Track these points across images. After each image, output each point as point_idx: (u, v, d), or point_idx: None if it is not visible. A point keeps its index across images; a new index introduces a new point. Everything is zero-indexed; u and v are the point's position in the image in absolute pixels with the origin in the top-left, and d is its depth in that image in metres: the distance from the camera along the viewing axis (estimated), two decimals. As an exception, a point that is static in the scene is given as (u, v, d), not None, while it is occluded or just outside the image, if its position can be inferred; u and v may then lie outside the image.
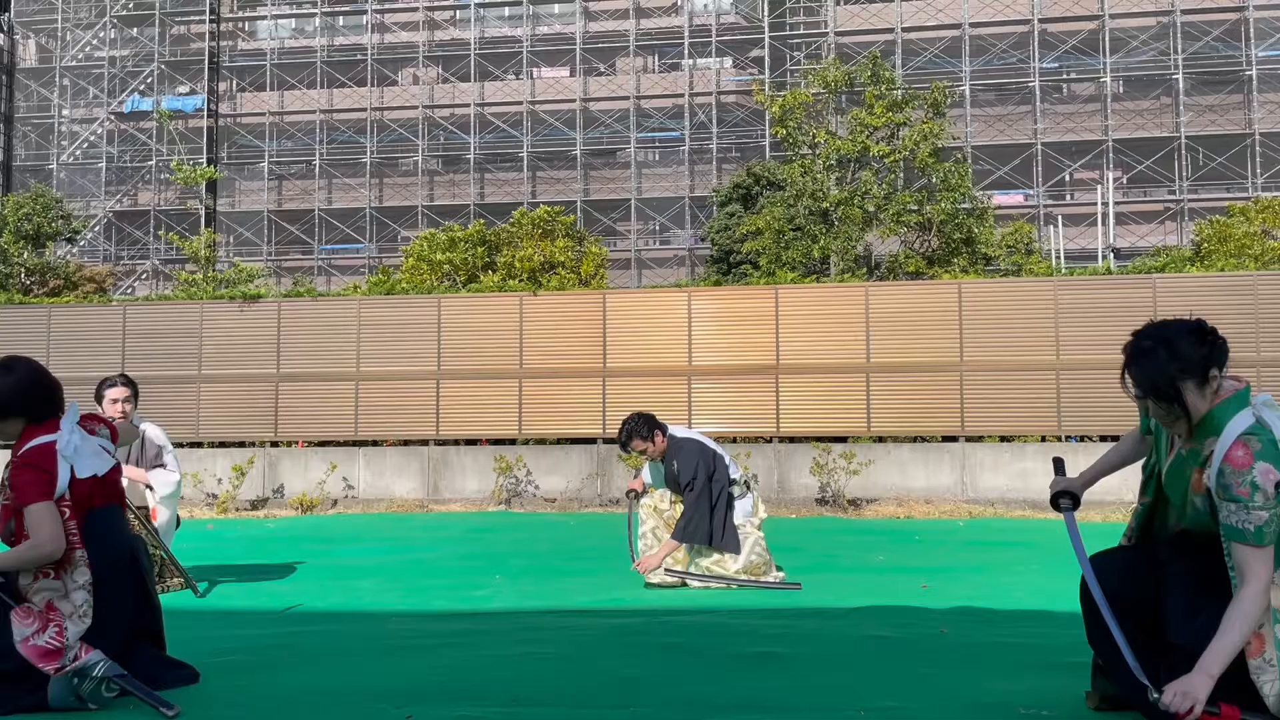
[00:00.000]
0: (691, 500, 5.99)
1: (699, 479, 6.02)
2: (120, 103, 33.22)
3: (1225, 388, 2.88)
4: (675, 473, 6.16)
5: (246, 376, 13.48)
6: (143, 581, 3.80)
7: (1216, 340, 2.86)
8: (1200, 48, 28.94)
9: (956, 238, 17.83)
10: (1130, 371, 2.91)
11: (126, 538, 3.79)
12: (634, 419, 6.21)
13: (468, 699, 3.47)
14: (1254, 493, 2.71)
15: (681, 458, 6.10)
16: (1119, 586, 3.05)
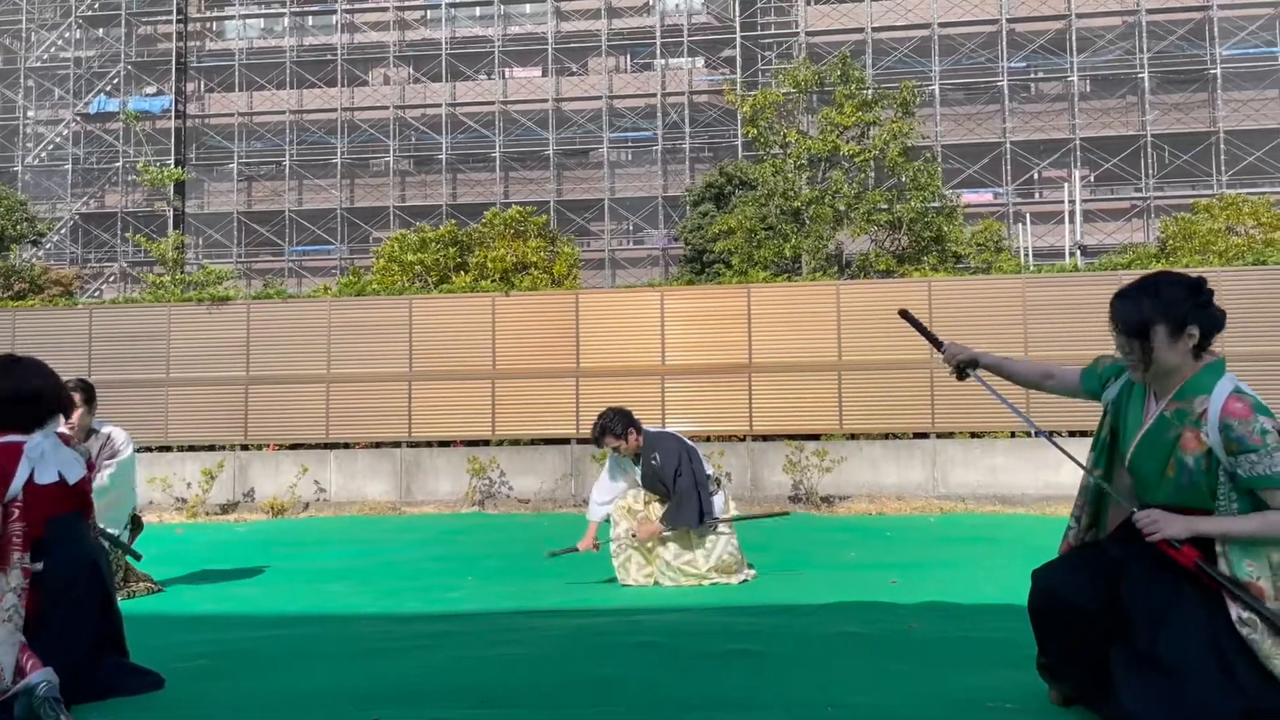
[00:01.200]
0: (683, 486, 6.10)
1: (684, 466, 6.14)
2: (86, 104, 32.85)
3: (1205, 357, 2.90)
4: (656, 467, 6.17)
5: (216, 379, 13.37)
6: (105, 589, 3.77)
7: (1207, 302, 2.86)
8: (1165, 47, 29.29)
9: (926, 236, 17.98)
10: (1115, 303, 2.94)
11: (88, 546, 3.76)
12: (609, 414, 6.27)
13: (437, 701, 3.45)
14: (1265, 436, 2.73)
15: (662, 449, 6.17)
16: (1072, 597, 3.02)
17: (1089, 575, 3.02)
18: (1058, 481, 11.52)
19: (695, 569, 6.20)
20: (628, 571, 6.28)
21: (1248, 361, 11.36)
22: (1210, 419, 2.80)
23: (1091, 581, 3.01)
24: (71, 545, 3.61)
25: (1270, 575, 2.77)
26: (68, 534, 3.61)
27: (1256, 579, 2.77)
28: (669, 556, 6.25)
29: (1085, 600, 2.99)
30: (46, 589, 3.48)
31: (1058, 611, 3.03)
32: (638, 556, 6.32)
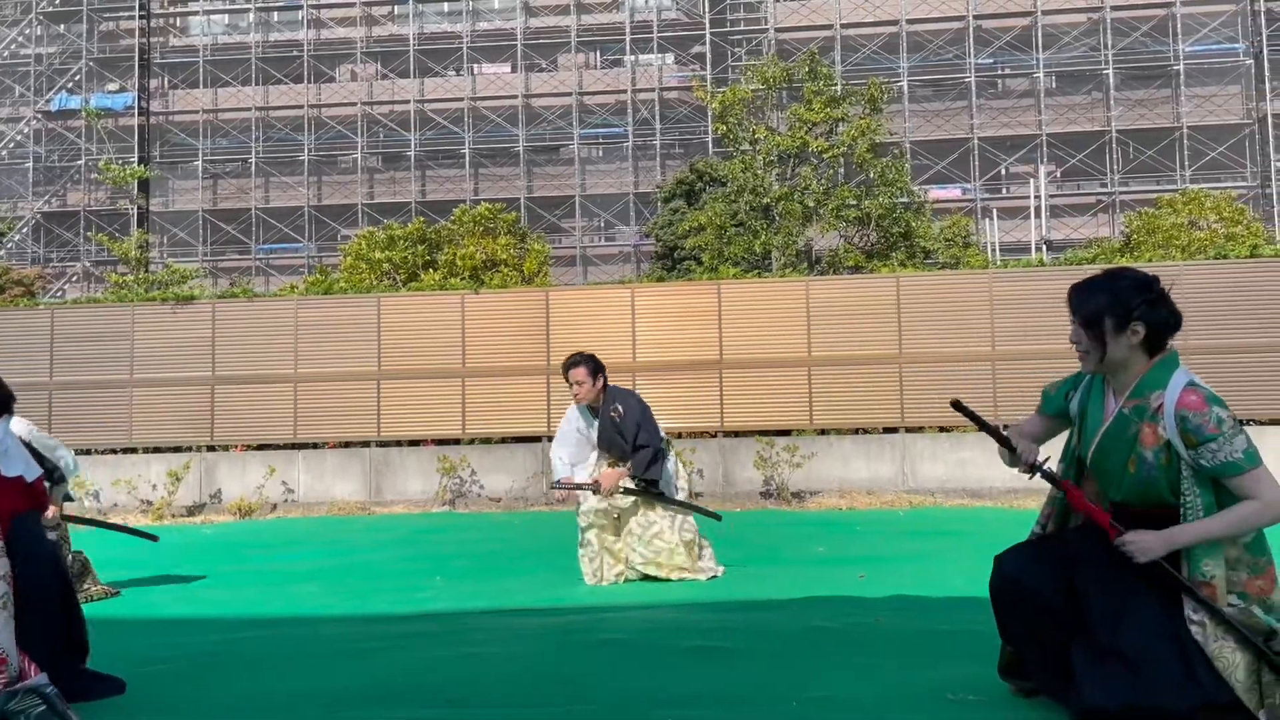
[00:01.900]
0: (645, 439, 6.01)
1: (646, 422, 6.07)
2: (48, 101, 32.37)
3: (1159, 354, 2.96)
4: (617, 421, 6.09)
5: (181, 380, 13.22)
6: (68, 590, 3.73)
7: (1156, 300, 2.93)
8: (1129, 43, 29.62)
9: (895, 232, 18.09)
10: (1071, 293, 3.02)
11: (49, 545, 3.71)
12: (585, 354, 6.25)
13: (404, 702, 3.44)
14: (1222, 425, 2.79)
15: (624, 403, 6.14)
16: (1035, 585, 3.04)
17: (1050, 568, 3.06)
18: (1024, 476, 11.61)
19: (665, 541, 6.11)
20: (600, 575, 6.16)
21: (1209, 354, 11.52)
22: (1166, 413, 2.86)
23: (1053, 574, 3.04)
24: (34, 544, 3.57)
25: (1225, 572, 2.82)
26: (29, 533, 3.56)
27: (1211, 578, 2.82)
28: (638, 531, 6.14)
29: (1047, 590, 3.02)
30: (12, 589, 3.42)
31: (1020, 597, 3.06)
32: (609, 557, 6.22)
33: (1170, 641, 2.80)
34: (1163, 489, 2.88)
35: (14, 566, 3.42)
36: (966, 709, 3.17)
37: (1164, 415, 2.87)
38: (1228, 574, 2.83)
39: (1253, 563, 2.84)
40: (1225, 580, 2.82)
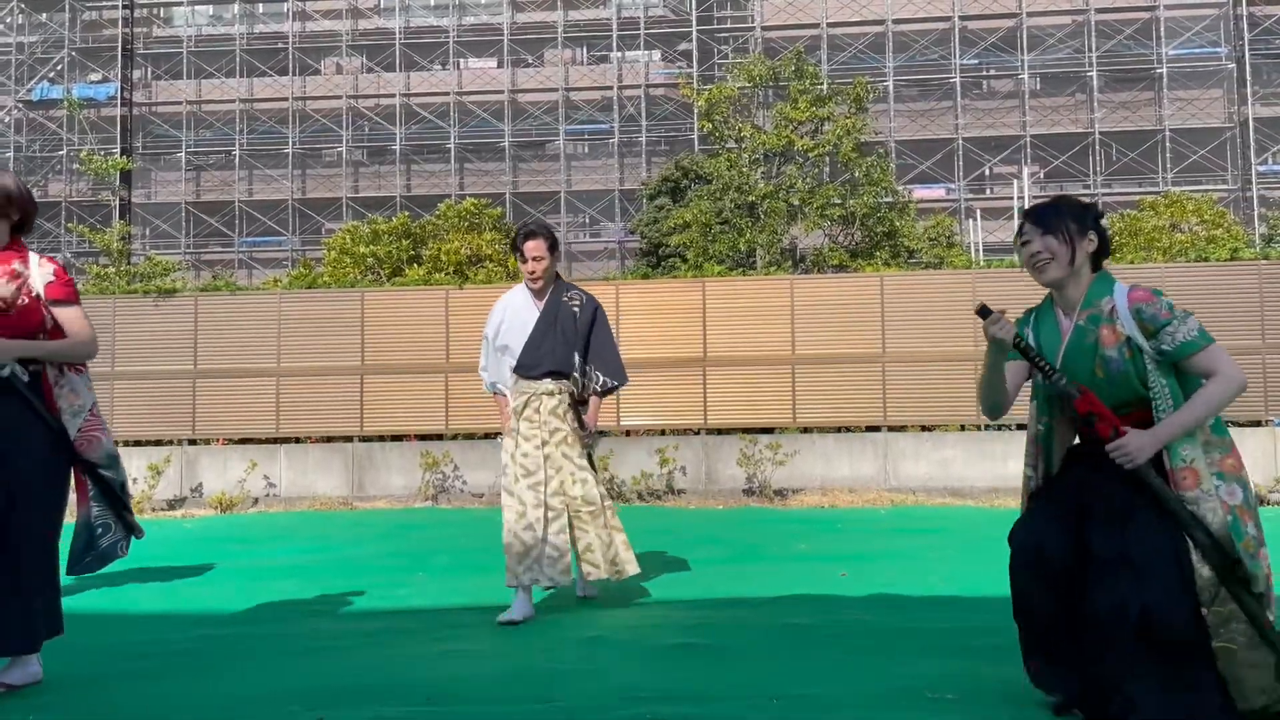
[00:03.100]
0: (607, 337, 5.20)
1: (601, 318, 5.21)
2: (29, 90, 32.09)
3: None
4: (575, 311, 5.09)
5: (162, 373, 13.14)
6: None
7: (1098, 218, 3.19)
8: (1113, 46, 29.80)
9: (879, 231, 18.16)
10: (1029, 214, 3.21)
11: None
12: (543, 223, 5.32)
13: (383, 699, 3.43)
14: (1174, 310, 3.01)
15: (589, 302, 5.20)
16: (1055, 548, 3.07)
17: (1059, 527, 3.11)
18: (1006, 474, 11.70)
19: (594, 501, 5.03)
20: (540, 567, 4.91)
21: (1190, 356, 11.61)
22: (1120, 311, 3.07)
23: (1063, 533, 3.09)
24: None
25: (1203, 455, 2.97)
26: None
27: (1192, 462, 2.96)
28: (577, 491, 4.99)
29: (1065, 553, 3.08)
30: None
31: (1045, 566, 3.08)
32: (547, 550, 4.92)
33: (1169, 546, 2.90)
34: (1133, 381, 3.03)
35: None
36: (946, 707, 3.19)
37: (1119, 315, 3.06)
38: (1205, 457, 2.97)
39: (1220, 442, 3.01)
40: (1205, 463, 2.96)
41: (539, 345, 5.03)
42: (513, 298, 5.17)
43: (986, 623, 4.43)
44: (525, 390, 5.05)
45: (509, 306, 5.15)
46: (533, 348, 5.04)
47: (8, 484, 3.52)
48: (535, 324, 5.05)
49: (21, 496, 3.54)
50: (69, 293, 3.76)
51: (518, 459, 4.92)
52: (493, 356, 5.19)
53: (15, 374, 3.60)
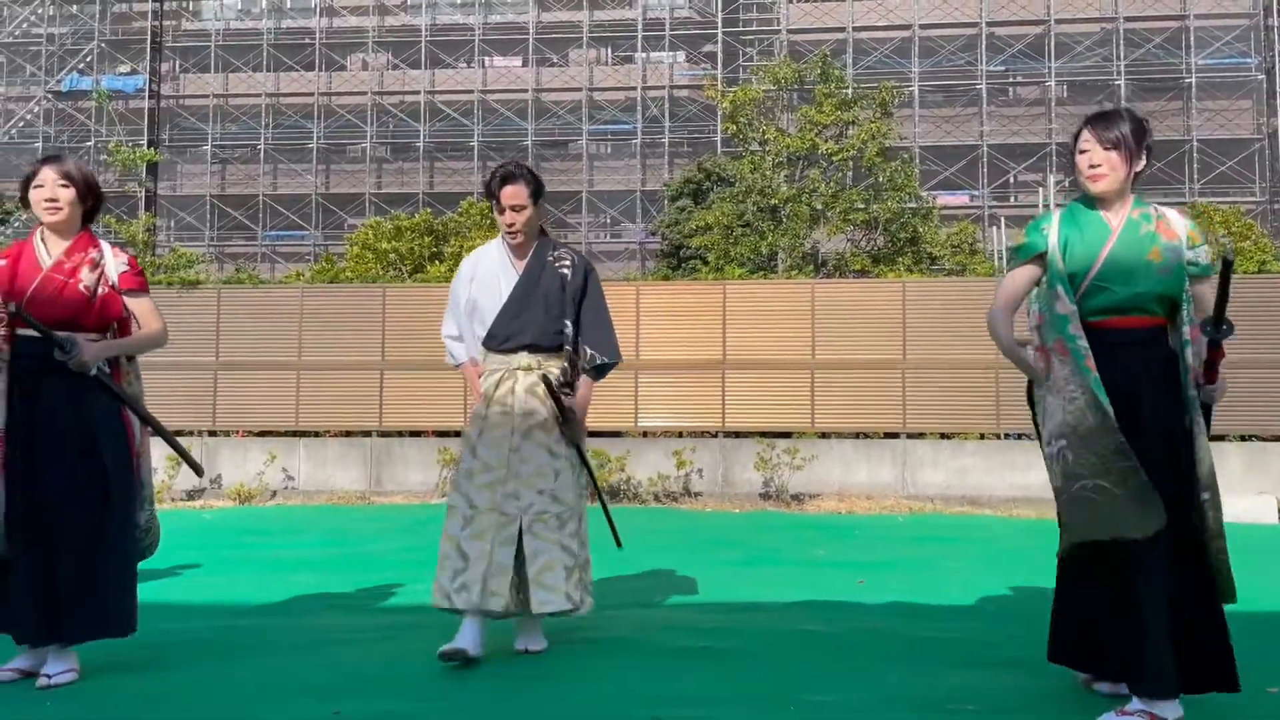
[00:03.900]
0: (601, 307, 4.23)
1: (594, 284, 4.28)
2: (58, 81, 32.37)
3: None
4: (563, 274, 4.14)
5: (184, 364, 13.22)
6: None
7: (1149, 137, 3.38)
8: (1142, 54, 29.56)
9: (902, 237, 18.07)
10: (1095, 123, 3.34)
11: None
12: (525, 166, 4.26)
13: (398, 694, 3.44)
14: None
15: (581, 265, 4.26)
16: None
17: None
18: (1025, 483, 11.61)
19: (565, 502, 4.04)
20: (477, 590, 3.85)
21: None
22: (1173, 216, 3.32)
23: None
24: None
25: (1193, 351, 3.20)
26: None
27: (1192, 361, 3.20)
28: (543, 485, 4.00)
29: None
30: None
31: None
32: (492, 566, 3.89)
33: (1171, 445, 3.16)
34: (1181, 280, 3.20)
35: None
36: (966, 719, 3.17)
37: (1169, 218, 3.30)
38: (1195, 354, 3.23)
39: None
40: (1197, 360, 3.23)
41: (516, 313, 4.06)
42: (486, 254, 4.22)
43: (1006, 634, 4.40)
44: (497, 367, 4.08)
45: (481, 263, 4.20)
46: (509, 316, 4.06)
47: (105, 472, 3.58)
48: (514, 288, 4.09)
49: (118, 483, 3.62)
50: (141, 283, 3.81)
51: (479, 451, 3.99)
52: (465, 321, 4.22)
53: (101, 369, 3.66)
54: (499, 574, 3.85)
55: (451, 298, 4.26)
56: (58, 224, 3.68)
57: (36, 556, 3.44)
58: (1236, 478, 11.45)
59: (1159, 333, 3.23)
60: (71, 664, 3.56)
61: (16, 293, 3.58)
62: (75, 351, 3.52)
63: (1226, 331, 3.09)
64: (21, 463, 3.50)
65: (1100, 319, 3.19)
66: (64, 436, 3.54)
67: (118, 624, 3.56)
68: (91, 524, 3.51)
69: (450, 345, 4.28)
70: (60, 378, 3.54)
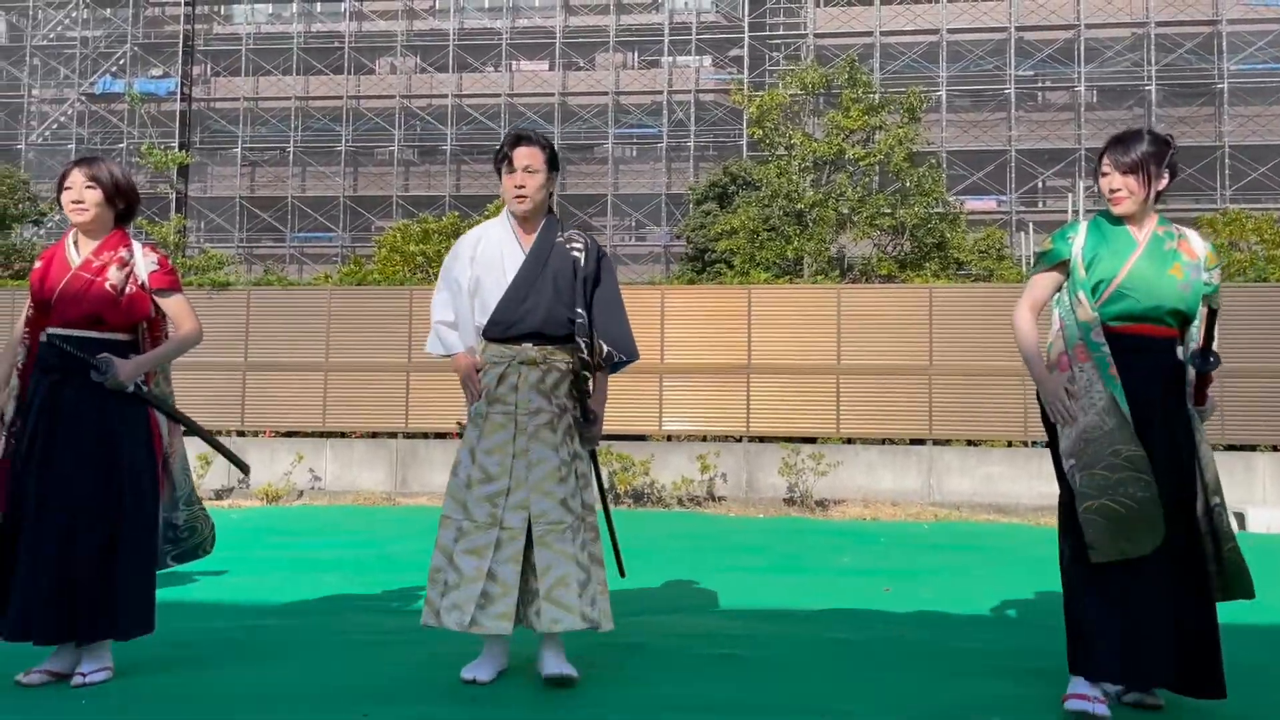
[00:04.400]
0: (615, 297, 3.82)
1: (608, 271, 3.86)
2: (91, 84, 32.78)
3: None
4: (574, 257, 3.72)
5: (213, 365, 13.34)
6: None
7: (1173, 156, 3.43)
8: (1173, 59, 29.27)
9: (929, 242, 17.98)
10: (1116, 148, 3.41)
11: None
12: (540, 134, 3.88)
13: (426, 698, 3.45)
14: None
15: (594, 248, 3.87)
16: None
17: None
18: (1053, 492, 11.46)
19: (576, 510, 3.63)
20: (471, 609, 3.51)
21: (1249, 378, 11.36)
22: (1193, 238, 3.44)
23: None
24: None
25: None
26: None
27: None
28: (555, 491, 3.59)
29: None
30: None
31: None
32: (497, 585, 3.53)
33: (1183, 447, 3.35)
34: (1197, 296, 3.35)
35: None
36: (991, 729, 3.15)
37: (1190, 239, 3.43)
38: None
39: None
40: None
41: (521, 297, 3.65)
42: (488, 231, 3.81)
43: (1034, 645, 4.36)
44: (498, 359, 3.69)
45: (484, 242, 3.77)
46: (513, 300, 3.65)
47: (124, 473, 3.60)
48: (520, 268, 3.67)
49: (139, 485, 3.63)
50: (172, 281, 3.83)
51: (479, 458, 3.60)
52: (462, 304, 3.77)
53: (136, 383, 3.68)
54: (505, 595, 3.46)
55: (444, 279, 3.83)
56: (85, 225, 3.72)
57: (53, 555, 3.46)
58: (1269, 489, 11.32)
59: (1171, 343, 3.40)
60: (105, 663, 3.60)
61: (46, 291, 3.64)
62: (111, 371, 3.55)
63: (1214, 364, 3.32)
64: (37, 464, 3.53)
65: (1120, 324, 3.34)
66: (84, 437, 3.56)
67: (131, 625, 3.56)
68: (109, 525, 3.53)
69: (443, 332, 3.84)
70: (85, 378, 3.57)
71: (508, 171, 3.73)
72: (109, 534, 3.53)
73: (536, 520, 3.51)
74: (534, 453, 3.58)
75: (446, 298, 3.82)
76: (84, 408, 3.57)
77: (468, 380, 3.75)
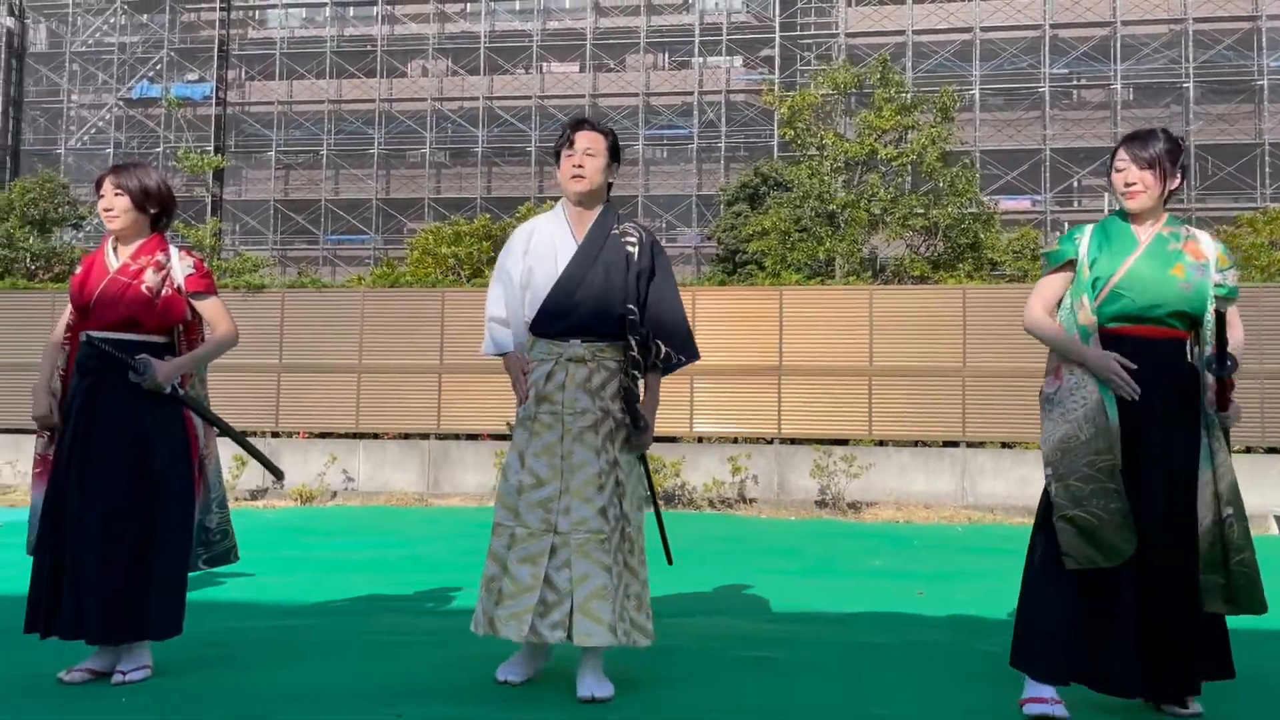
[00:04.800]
0: (672, 293, 3.70)
1: (663, 264, 3.71)
2: (129, 89, 33.25)
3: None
4: (628, 251, 3.58)
5: (249, 366, 13.46)
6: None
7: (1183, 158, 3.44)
8: (1211, 56, 28.85)
9: (962, 242, 17.82)
10: (1132, 143, 3.41)
11: None
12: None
13: (458, 699, 3.45)
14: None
15: (649, 242, 3.68)
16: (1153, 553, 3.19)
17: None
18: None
19: (620, 517, 3.51)
20: (529, 619, 3.39)
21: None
22: (1204, 239, 3.40)
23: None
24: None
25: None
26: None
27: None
28: (593, 496, 3.46)
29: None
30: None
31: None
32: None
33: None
34: (1204, 298, 3.27)
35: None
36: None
37: (1200, 239, 3.39)
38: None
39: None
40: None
41: (572, 289, 3.52)
42: (542, 224, 3.70)
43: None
44: (545, 357, 3.56)
45: (537, 234, 3.65)
46: (564, 292, 3.52)
47: (159, 475, 3.63)
48: (571, 259, 3.55)
49: (172, 487, 3.66)
50: (208, 284, 3.87)
51: (528, 462, 3.49)
52: (514, 299, 3.64)
53: (174, 385, 3.71)
54: (560, 603, 3.35)
55: (498, 274, 3.70)
56: (118, 231, 3.78)
57: (86, 557, 3.50)
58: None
59: (1178, 346, 3.34)
60: (144, 661, 3.63)
61: (85, 295, 3.69)
62: (149, 372, 3.59)
63: (1231, 368, 3.22)
64: (77, 464, 3.57)
65: (1117, 325, 3.31)
66: (119, 440, 3.59)
67: (161, 627, 3.58)
68: (141, 527, 3.56)
69: (495, 329, 3.68)
70: (120, 379, 3.60)
71: (567, 153, 3.64)
72: (142, 535, 3.56)
73: (576, 527, 3.40)
74: (576, 455, 3.46)
75: (499, 293, 3.69)
76: (119, 410, 3.61)
77: (517, 382, 3.60)
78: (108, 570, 3.49)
